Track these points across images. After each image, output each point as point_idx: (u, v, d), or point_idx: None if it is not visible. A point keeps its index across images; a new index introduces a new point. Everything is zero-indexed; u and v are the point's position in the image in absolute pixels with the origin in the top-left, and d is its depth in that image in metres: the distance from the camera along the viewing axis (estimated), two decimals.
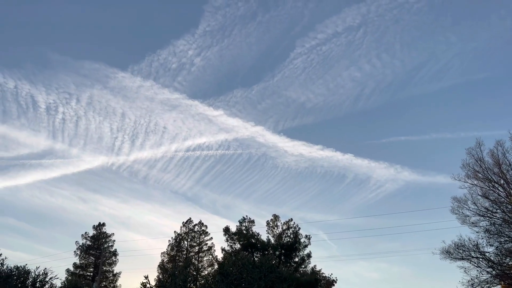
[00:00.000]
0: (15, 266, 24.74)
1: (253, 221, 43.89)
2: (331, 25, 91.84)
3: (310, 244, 41.23)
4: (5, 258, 23.89)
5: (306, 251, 41.00)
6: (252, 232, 42.46)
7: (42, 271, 26.17)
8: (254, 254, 40.27)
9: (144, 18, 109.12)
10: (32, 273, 25.70)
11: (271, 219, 43.57)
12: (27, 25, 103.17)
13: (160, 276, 45.33)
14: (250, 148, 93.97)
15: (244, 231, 42.56)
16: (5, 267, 23.93)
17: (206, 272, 48.15)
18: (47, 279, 25.49)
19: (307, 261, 40.54)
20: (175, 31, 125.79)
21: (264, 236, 42.29)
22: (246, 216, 44.15)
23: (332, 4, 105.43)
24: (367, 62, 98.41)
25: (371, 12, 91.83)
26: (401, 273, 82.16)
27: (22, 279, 24.26)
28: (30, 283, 24.46)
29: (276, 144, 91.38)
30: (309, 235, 41.50)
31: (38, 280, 24.49)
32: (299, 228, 42.01)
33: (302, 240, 41.02)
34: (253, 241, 41.41)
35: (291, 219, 42.78)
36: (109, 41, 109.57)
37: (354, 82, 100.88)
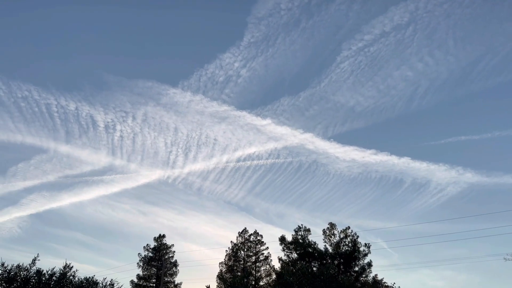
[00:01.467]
0: (84, 278, 25.98)
1: (308, 230, 43.41)
2: (378, 25, 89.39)
3: (370, 253, 40.03)
4: (76, 270, 25.18)
5: (366, 260, 39.85)
6: (309, 241, 41.95)
7: (109, 282, 27.19)
8: (312, 263, 39.67)
9: (191, 35, 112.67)
10: (100, 284, 26.77)
11: (327, 227, 42.82)
12: (84, 50, 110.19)
13: (222, 286, 45.81)
14: (300, 155, 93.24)
15: (300, 240, 42.14)
16: (76, 279, 25.23)
17: (264, 282, 48.08)
18: None
19: (368, 270, 39.30)
20: (221, 45, 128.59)
21: (321, 245, 41.67)
22: (302, 225, 43.78)
23: (377, 4, 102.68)
24: (419, 60, 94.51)
25: (420, 8, 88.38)
26: (469, 281, 77.13)
27: None
28: None
29: (327, 151, 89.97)
30: (369, 244, 40.30)
31: None
32: (358, 236, 40.96)
33: (361, 249, 39.91)
34: (310, 250, 40.88)
35: (349, 227, 41.83)
36: (159, 59, 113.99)
37: (406, 82, 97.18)
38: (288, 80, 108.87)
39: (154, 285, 55.09)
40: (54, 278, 25.41)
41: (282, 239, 43.51)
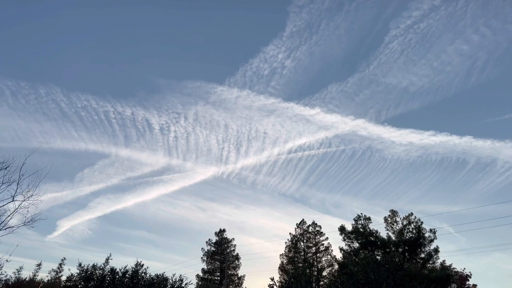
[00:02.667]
0: (155, 274, 27.28)
1: (369, 219, 42.56)
2: (426, 0, 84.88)
3: (436, 239, 38.55)
4: (147, 267, 26.52)
5: (433, 246, 38.44)
6: (370, 230, 41.13)
7: (178, 277, 28.32)
8: (375, 252, 38.85)
9: (233, 31, 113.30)
10: (170, 280, 27.97)
11: (389, 215, 41.73)
12: (135, 56, 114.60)
13: (285, 277, 46.25)
14: (353, 143, 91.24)
15: (361, 229, 41.42)
16: (147, 275, 26.58)
17: (326, 272, 47.90)
18: (183, 285, 27.60)
19: (435, 256, 37.91)
20: (263, 37, 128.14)
21: (383, 233, 40.73)
22: (361, 213, 43.00)
23: None
24: (475, 32, 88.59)
25: None
26: None
27: (162, 286, 26.64)
28: None
29: (381, 136, 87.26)
30: (434, 229, 38.82)
31: (175, 286, 26.66)
32: (422, 222, 39.55)
33: (426, 235, 38.55)
34: (372, 239, 40.07)
35: (412, 214, 40.54)
36: (204, 58, 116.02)
37: (462, 56, 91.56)
38: (335, 66, 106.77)
39: (219, 278, 56.72)
40: (127, 275, 27.00)
41: (342, 229, 43.00)
